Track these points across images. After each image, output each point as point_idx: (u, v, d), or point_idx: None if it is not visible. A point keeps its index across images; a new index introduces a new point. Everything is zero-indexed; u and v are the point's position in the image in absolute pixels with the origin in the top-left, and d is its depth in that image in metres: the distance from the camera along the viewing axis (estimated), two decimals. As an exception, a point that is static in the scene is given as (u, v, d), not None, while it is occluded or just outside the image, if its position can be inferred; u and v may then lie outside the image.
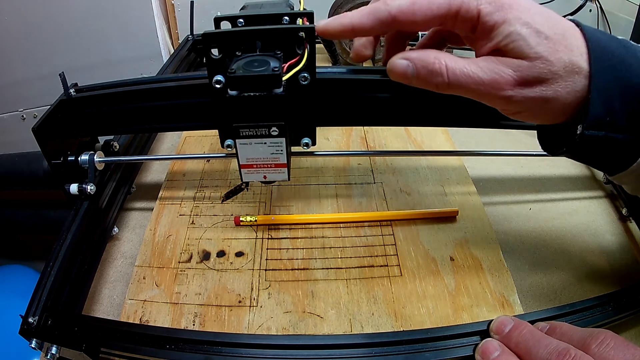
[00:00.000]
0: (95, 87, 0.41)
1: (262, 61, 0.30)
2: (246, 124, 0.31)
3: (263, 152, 0.33)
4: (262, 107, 0.30)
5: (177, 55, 0.70)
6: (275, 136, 0.32)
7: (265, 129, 0.31)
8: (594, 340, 0.25)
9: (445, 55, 0.27)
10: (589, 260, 0.46)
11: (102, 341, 0.32)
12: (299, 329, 0.37)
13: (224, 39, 0.31)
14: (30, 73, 0.94)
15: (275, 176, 0.35)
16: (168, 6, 0.91)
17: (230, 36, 0.31)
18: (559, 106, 0.26)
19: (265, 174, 0.35)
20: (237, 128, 0.31)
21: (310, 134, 0.38)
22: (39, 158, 0.46)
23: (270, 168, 0.34)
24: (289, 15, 0.34)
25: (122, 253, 0.46)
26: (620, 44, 0.26)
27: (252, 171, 0.35)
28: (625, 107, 0.25)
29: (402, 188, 0.51)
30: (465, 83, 0.26)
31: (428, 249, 0.44)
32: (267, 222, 0.46)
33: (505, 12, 0.25)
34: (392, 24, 0.27)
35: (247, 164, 0.34)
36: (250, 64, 0.30)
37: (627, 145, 0.27)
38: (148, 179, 0.56)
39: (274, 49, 0.32)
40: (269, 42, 0.32)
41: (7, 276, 0.88)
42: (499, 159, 0.59)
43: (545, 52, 0.25)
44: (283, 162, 0.34)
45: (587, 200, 0.54)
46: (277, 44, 0.32)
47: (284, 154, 0.33)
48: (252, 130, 0.31)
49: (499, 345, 0.28)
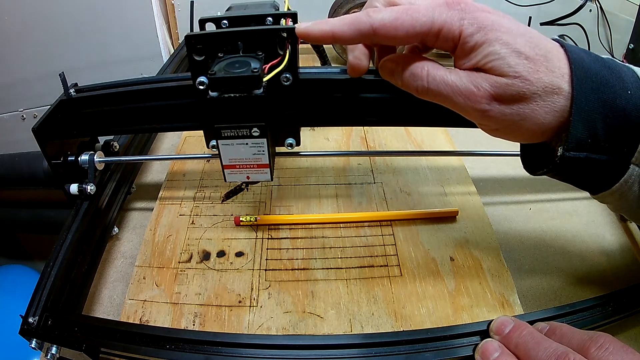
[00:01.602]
0: (95, 87, 0.41)
1: (243, 62, 0.30)
2: (227, 125, 0.31)
3: (245, 153, 0.33)
4: (242, 108, 0.30)
5: (177, 55, 0.70)
6: (257, 137, 0.32)
7: (246, 129, 0.31)
8: (593, 343, 0.25)
9: (429, 63, 0.28)
10: (589, 260, 0.46)
11: (102, 341, 0.32)
12: (299, 329, 0.37)
13: (206, 40, 0.31)
14: (30, 73, 0.94)
15: (258, 176, 0.35)
16: (168, 6, 0.91)
17: (212, 37, 0.31)
18: (537, 125, 0.26)
19: (248, 174, 0.35)
20: (219, 129, 0.32)
21: (294, 134, 0.38)
22: (39, 158, 0.46)
23: (252, 168, 0.35)
24: (272, 16, 0.34)
25: (122, 253, 0.46)
26: (605, 65, 0.26)
27: (235, 171, 0.35)
28: (607, 129, 0.25)
29: (402, 188, 0.51)
30: (444, 90, 0.27)
31: (428, 249, 0.44)
32: (267, 222, 0.46)
33: (487, 32, 0.25)
34: (372, 37, 0.27)
35: (230, 164, 0.34)
36: (231, 65, 0.30)
37: (609, 166, 0.27)
38: (148, 179, 0.56)
39: (256, 50, 0.32)
40: (251, 43, 0.32)
41: (7, 276, 0.88)
42: (499, 159, 0.59)
43: (524, 72, 0.25)
44: (265, 163, 0.34)
45: (587, 200, 0.54)
46: (258, 45, 0.32)
47: (266, 154, 0.33)
48: (233, 131, 0.32)
49: (499, 346, 0.28)
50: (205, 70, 0.31)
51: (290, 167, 0.54)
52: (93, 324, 0.33)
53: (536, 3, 0.84)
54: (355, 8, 0.70)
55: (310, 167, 0.54)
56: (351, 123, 0.43)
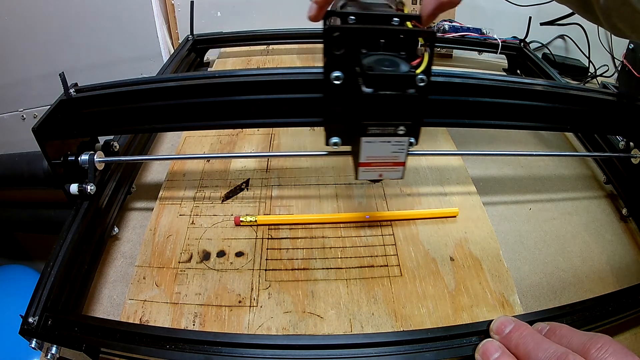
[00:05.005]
0: (95, 87, 0.41)
1: (391, 61, 0.30)
2: (376, 122, 0.31)
3: (385, 151, 0.33)
4: (393, 106, 0.30)
5: (177, 55, 0.70)
6: (401, 135, 0.32)
7: (393, 127, 0.31)
8: (593, 345, 0.25)
9: None
10: (589, 260, 0.46)
11: (102, 341, 0.32)
12: (299, 329, 0.37)
13: (352, 34, 0.31)
14: (30, 73, 0.94)
15: (390, 174, 0.35)
16: (168, 6, 0.91)
17: (359, 32, 0.31)
18: None
19: (381, 172, 0.34)
20: (366, 126, 0.31)
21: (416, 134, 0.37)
22: (39, 158, 0.46)
23: (387, 166, 0.34)
24: (399, 17, 0.34)
25: (122, 253, 0.46)
26: None
27: (370, 169, 0.34)
28: None
29: (402, 188, 0.51)
30: None
31: (428, 249, 0.44)
32: (267, 222, 0.46)
33: None
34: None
35: (366, 162, 0.33)
36: (380, 62, 0.30)
37: None
38: (148, 179, 0.56)
39: (396, 49, 0.32)
40: (392, 42, 0.32)
41: (7, 276, 0.87)
42: (499, 159, 0.59)
43: None
44: (401, 161, 0.34)
45: (587, 200, 0.54)
46: (399, 44, 0.32)
47: (404, 152, 0.33)
48: (380, 128, 0.31)
49: (500, 347, 0.28)
50: (342, 64, 0.31)
51: (290, 167, 0.54)
52: (93, 324, 0.33)
53: (536, 3, 0.84)
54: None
55: (310, 167, 0.54)
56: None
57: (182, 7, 0.89)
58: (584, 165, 0.60)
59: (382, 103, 0.30)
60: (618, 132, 0.51)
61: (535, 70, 0.71)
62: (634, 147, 0.50)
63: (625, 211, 0.51)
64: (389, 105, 0.30)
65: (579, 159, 0.61)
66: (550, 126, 0.45)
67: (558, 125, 0.45)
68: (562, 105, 0.43)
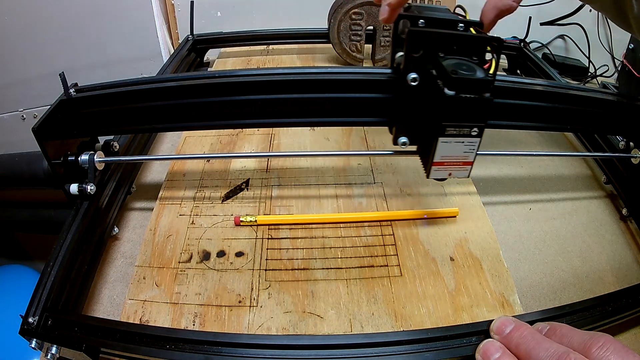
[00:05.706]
0: (95, 87, 0.41)
1: (468, 66, 0.32)
2: (454, 123, 0.32)
3: (457, 151, 0.34)
4: (471, 108, 0.31)
5: (177, 55, 0.70)
6: (474, 136, 0.33)
7: (468, 128, 0.32)
8: (594, 344, 0.25)
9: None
10: (589, 260, 0.46)
11: (102, 341, 0.32)
12: (299, 329, 0.37)
13: (432, 38, 0.32)
14: (30, 73, 0.94)
15: (458, 173, 0.36)
16: (168, 6, 0.91)
17: (438, 37, 0.33)
18: None
19: (451, 171, 0.36)
20: (445, 127, 0.32)
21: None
22: (39, 158, 0.46)
23: (457, 166, 0.35)
24: (464, 23, 0.35)
25: (122, 253, 0.46)
26: None
27: (441, 169, 0.35)
28: None
29: (402, 188, 0.51)
30: None
31: (428, 249, 0.44)
32: (267, 222, 0.46)
33: None
34: None
35: (440, 161, 0.35)
36: (458, 66, 0.32)
37: None
38: (148, 179, 0.56)
39: (468, 54, 0.33)
40: (464, 48, 0.33)
41: (7, 276, 0.87)
42: (499, 159, 0.59)
43: None
44: (470, 161, 0.35)
45: (587, 200, 0.54)
46: (470, 49, 0.33)
47: (474, 153, 0.34)
48: (457, 129, 0.32)
49: (500, 347, 0.28)
50: (417, 66, 0.33)
51: (290, 167, 0.54)
52: (93, 324, 0.33)
53: (536, 3, 0.84)
54: (355, 8, 0.70)
55: (310, 167, 0.54)
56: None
57: (182, 7, 0.89)
58: (584, 165, 0.60)
59: (461, 105, 0.31)
60: (618, 132, 0.51)
61: (535, 70, 0.71)
62: (634, 147, 0.50)
63: (625, 211, 0.51)
64: (467, 107, 0.31)
65: (579, 159, 0.61)
66: (550, 126, 0.45)
67: (558, 125, 0.45)
68: (562, 105, 0.43)
